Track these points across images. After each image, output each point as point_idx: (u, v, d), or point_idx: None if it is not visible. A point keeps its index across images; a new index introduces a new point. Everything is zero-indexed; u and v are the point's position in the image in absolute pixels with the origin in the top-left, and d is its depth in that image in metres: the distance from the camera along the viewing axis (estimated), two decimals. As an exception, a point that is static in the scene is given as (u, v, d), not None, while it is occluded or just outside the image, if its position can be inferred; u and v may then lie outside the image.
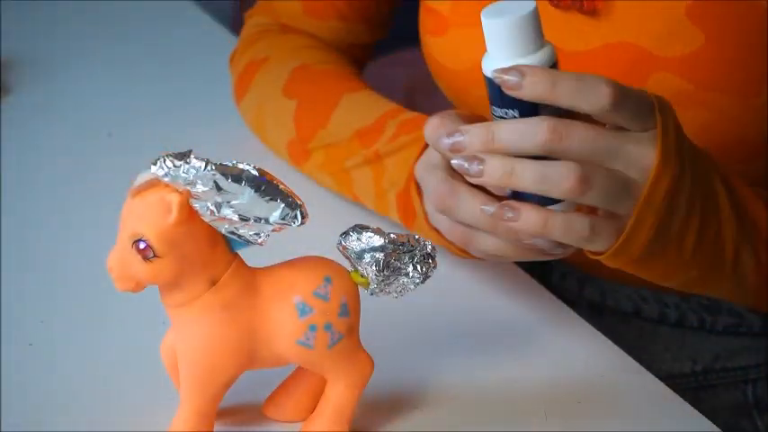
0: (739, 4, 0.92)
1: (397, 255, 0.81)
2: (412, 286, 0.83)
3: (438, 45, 1.05)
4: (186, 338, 0.80)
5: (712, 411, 0.92)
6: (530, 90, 0.79)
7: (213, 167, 0.76)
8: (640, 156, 0.82)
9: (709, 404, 1.02)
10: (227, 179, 0.76)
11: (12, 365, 0.91)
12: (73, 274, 1.02)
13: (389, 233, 0.82)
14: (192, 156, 0.76)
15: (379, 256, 0.81)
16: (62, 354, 0.93)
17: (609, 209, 0.83)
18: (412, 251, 0.82)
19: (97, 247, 0.83)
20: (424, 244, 0.82)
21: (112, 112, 1.27)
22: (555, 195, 0.81)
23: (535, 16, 0.82)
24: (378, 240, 0.81)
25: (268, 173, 0.78)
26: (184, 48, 1.39)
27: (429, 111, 1.12)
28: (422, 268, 0.82)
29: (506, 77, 0.80)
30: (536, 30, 0.82)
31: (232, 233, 0.78)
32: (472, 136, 0.82)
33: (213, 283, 0.79)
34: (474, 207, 0.86)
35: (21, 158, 1.19)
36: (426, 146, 0.94)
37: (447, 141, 0.83)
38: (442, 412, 0.89)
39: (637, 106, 0.81)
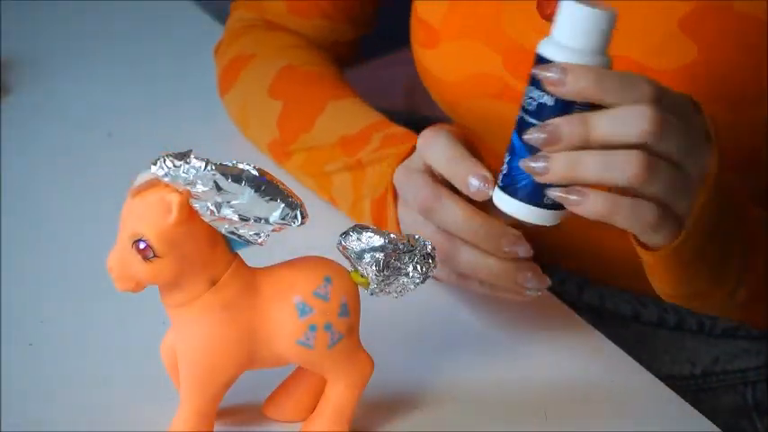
0: (732, 15, 0.92)
1: (397, 255, 0.81)
2: (412, 286, 0.83)
3: (430, 57, 1.05)
4: (186, 338, 0.80)
5: (712, 414, 0.92)
6: (572, 87, 0.79)
7: (213, 167, 0.76)
8: (704, 158, 0.82)
9: (709, 406, 1.02)
10: (227, 179, 0.76)
11: (12, 365, 0.91)
12: (73, 274, 1.02)
13: (389, 233, 0.82)
14: (191, 156, 0.76)
15: (379, 256, 0.81)
16: (62, 354, 0.93)
17: (669, 203, 0.82)
18: (412, 251, 0.82)
19: (97, 247, 0.83)
20: (424, 244, 0.82)
21: (112, 112, 1.27)
22: (619, 183, 0.80)
23: (613, 21, 0.81)
24: (378, 240, 0.81)
25: (268, 173, 0.78)
26: (184, 48, 1.39)
27: (429, 111, 1.12)
28: (422, 268, 0.82)
29: (548, 74, 0.79)
30: (609, 34, 0.82)
31: (232, 233, 0.78)
32: (567, 128, 0.80)
33: (213, 283, 0.79)
34: (456, 213, 0.86)
35: (21, 158, 1.19)
36: (407, 155, 0.95)
37: (539, 136, 0.81)
38: (442, 412, 0.89)
39: (675, 105, 0.81)
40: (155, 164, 0.76)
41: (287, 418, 0.86)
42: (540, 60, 0.82)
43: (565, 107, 0.81)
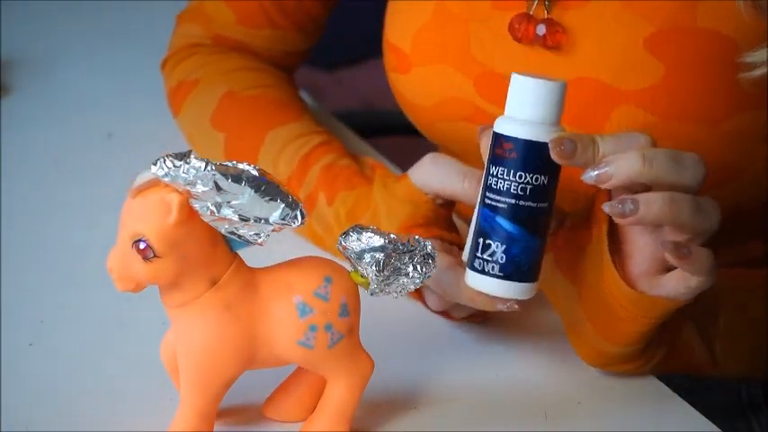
0: (696, 32, 0.93)
1: (397, 255, 0.82)
2: (412, 286, 0.83)
3: (403, 82, 1.05)
4: (186, 339, 0.80)
5: (707, 412, 0.92)
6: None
7: (213, 167, 0.76)
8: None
9: (704, 404, 1.02)
10: (227, 179, 0.76)
11: (12, 365, 0.91)
12: (73, 274, 1.02)
13: (389, 233, 0.82)
14: (192, 156, 0.76)
15: (379, 256, 0.81)
16: (62, 354, 0.93)
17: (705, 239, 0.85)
18: (412, 251, 0.82)
19: (97, 247, 0.83)
20: (424, 244, 0.82)
21: (112, 112, 1.27)
22: (707, 228, 0.84)
23: (563, 91, 0.83)
24: (378, 240, 0.81)
25: (268, 173, 0.78)
26: (184, 48, 1.39)
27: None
28: (422, 268, 0.82)
29: (562, 148, 0.82)
30: (561, 104, 0.83)
31: (232, 233, 0.78)
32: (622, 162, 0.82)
33: (213, 283, 0.79)
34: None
35: (21, 158, 1.19)
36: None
37: (592, 174, 0.82)
38: (442, 412, 0.89)
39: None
40: (155, 164, 0.76)
41: (287, 418, 0.86)
42: (500, 138, 0.83)
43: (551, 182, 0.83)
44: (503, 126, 0.84)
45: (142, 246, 0.77)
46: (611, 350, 0.90)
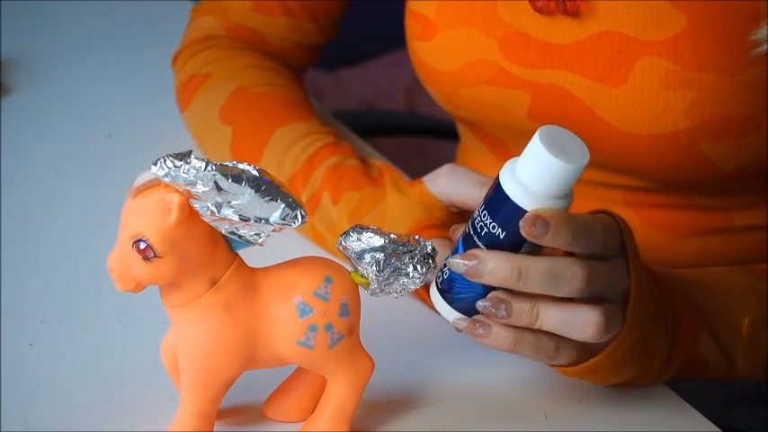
0: None
1: (398, 255, 0.81)
2: (412, 286, 0.83)
3: (426, 49, 1.05)
4: (186, 339, 0.80)
5: (728, 401, 0.93)
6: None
7: (213, 167, 0.76)
8: (621, 283, 0.85)
9: (727, 393, 1.03)
10: (228, 179, 0.76)
11: (12, 365, 0.91)
12: (73, 274, 1.02)
13: (389, 233, 0.82)
14: (192, 156, 0.76)
15: (380, 256, 0.81)
16: (62, 354, 0.93)
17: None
18: (412, 251, 0.82)
19: (97, 247, 0.83)
20: (424, 244, 0.82)
21: (112, 112, 1.27)
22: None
23: (579, 172, 0.80)
24: (378, 240, 0.81)
25: (268, 173, 0.78)
26: (184, 48, 1.39)
27: (429, 111, 1.12)
28: (422, 268, 0.82)
29: (533, 230, 0.80)
30: (573, 181, 0.81)
31: (232, 233, 0.78)
32: (495, 267, 0.82)
33: (213, 283, 0.79)
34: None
35: (21, 158, 1.19)
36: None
37: (460, 264, 0.82)
38: (442, 412, 0.89)
39: (606, 236, 0.84)
40: (155, 164, 0.76)
41: (287, 419, 0.86)
42: (499, 189, 0.81)
43: (516, 243, 0.81)
44: (504, 176, 0.81)
45: (142, 246, 0.77)
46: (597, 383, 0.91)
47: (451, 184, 0.95)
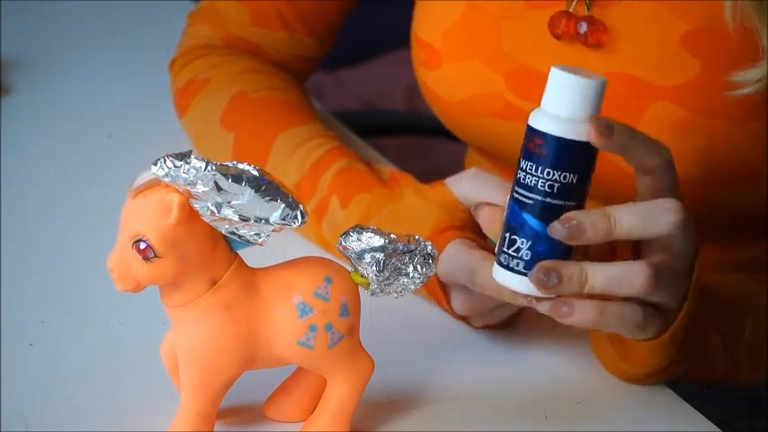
0: (732, 30, 0.93)
1: (398, 255, 0.81)
2: (412, 286, 0.83)
3: (432, 77, 1.05)
4: (186, 339, 0.80)
5: (728, 406, 0.93)
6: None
7: (213, 167, 0.76)
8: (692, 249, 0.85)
9: (731, 395, 1.03)
10: (228, 179, 0.76)
11: (12, 365, 0.91)
12: (73, 274, 1.02)
13: (389, 233, 0.82)
14: (192, 156, 0.76)
15: (380, 256, 0.81)
16: (62, 354, 0.93)
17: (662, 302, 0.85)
18: (412, 251, 0.82)
19: (97, 247, 0.83)
20: (424, 244, 0.82)
21: (112, 112, 1.27)
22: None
23: (602, 89, 0.82)
24: (378, 240, 0.81)
25: (268, 173, 0.78)
26: (184, 48, 1.39)
27: (430, 111, 1.12)
28: (422, 268, 0.82)
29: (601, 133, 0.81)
30: (599, 102, 0.82)
31: (232, 233, 0.78)
32: (593, 221, 0.82)
33: (213, 283, 0.79)
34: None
35: (21, 158, 1.19)
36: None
37: (561, 229, 0.82)
38: (442, 412, 0.89)
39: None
40: (155, 164, 0.76)
41: (287, 419, 0.86)
42: (532, 132, 0.82)
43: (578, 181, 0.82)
44: (536, 120, 0.82)
45: (142, 246, 0.77)
46: (632, 371, 0.91)
47: (474, 187, 0.94)
